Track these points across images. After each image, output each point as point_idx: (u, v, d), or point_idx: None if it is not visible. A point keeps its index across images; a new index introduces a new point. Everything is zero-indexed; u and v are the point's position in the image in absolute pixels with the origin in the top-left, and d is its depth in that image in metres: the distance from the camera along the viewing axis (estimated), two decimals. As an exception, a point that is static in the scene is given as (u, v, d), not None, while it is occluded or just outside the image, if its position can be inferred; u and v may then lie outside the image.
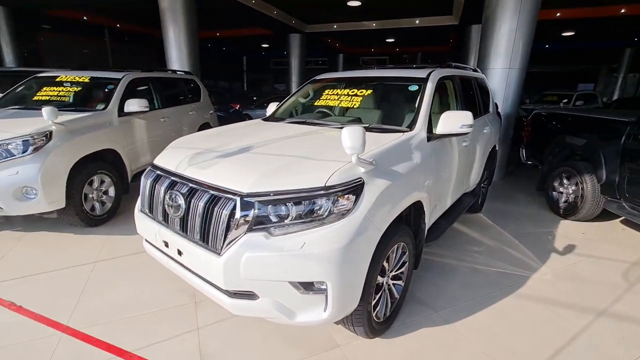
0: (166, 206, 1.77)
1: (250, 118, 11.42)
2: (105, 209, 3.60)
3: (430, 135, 2.28)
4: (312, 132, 2.32)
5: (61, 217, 3.19)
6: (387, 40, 15.23)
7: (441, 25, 11.21)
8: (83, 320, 2.11)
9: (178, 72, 5.95)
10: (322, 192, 1.48)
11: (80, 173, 3.21)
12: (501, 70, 5.17)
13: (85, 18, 11.93)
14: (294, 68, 13.94)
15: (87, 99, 4.04)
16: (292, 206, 1.47)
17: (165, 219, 1.82)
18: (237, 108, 10.46)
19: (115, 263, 2.83)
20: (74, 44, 12.41)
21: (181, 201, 1.68)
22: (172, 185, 1.78)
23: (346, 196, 1.51)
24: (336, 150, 1.66)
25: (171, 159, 1.96)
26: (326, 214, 1.48)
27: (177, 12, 7.38)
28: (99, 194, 3.53)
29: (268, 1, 9.79)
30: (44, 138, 2.93)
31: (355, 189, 1.54)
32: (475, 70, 3.85)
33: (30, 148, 2.83)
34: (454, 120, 2.20)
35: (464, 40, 11.47)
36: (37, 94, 3.98)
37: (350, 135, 1.45)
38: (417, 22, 11.12)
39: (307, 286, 1.48)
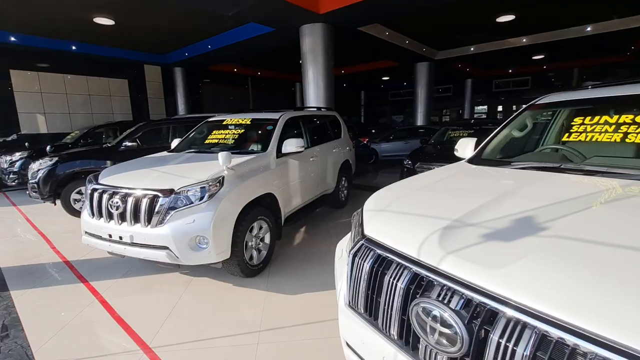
0: (415, 319, 1.03)
1: (376, 152, 10.98)
2: (261, 258, 3.32)
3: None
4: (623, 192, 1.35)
5: (224, 267, 2.98)
6: (533, 57, 12.99)
7: (624, 30, 8.74)
8: None
9: (322, 109, 5.82)
10: None
11: (244, 220, 2.99)
12: None
13: (235, 70, 13.90)
14: (420, 98, 13.08)
15: (247, 141, 4.04)
16: None
17: (407, 341, 1.10)
18: (365, 142, 10.11)
19: (281, 335, 2.36)
20: (223, 92, 14.54)
21: (459, 328, 0.92)
22: (420, 283, 1.09)
23: None
24: None
25: (402, 233, 1.28)
26: None
27: (317, 53, 7.57)
28: (257, 242, 3.28)
29: (401, 32, 9.41)
30: (217, 184, 2.79)
31: None
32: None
33: (206, 195, 2.71)
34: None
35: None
36: (208, 138, 4.18)
37: None
38: (588, 29, 8.94)
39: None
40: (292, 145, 3.71)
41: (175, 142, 4.36)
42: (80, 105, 10.22)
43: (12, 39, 8.26)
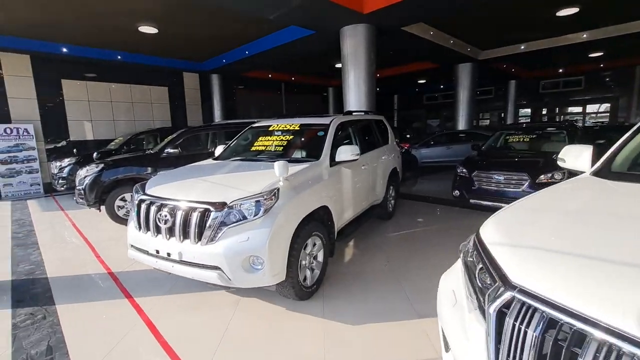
0: None
1: (416, 158, 10.41)
2: (314, 278, 2.98)
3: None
4: None
5: (277, 289, 2.67)
6: (590, 55, 11.88)
7: None
8: None
9: (369, 113, 5.45)
10: None
11: (299, 237, 2.67)
12: None
13: (269, 76, 13.89)
14: (461, 100, 12.34)
15: (296, 148, 3.76)
16: None
17: None
18: (406, 148, 9.60)
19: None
20: (257, 98, 14.55)
21: None
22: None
23: None
24: None
25: (585, 287, 0.88)
26: None
27: (359, 55, 7.24)
28: (310, 260, 2.95)
29: (446, 31, 8.87)
30: (273, 197, 2.50)
31: None
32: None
33: (261, 210, 2.42)
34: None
35: None
36: (254, 145, 3.94)
37: None
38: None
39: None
40: (346, 152, 3.37)
41: (219, 149, 4.16)
42: (124, 113, 10.54)
43: (65, 50, 8.64)
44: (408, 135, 15.96)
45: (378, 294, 2.97)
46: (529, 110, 19.31)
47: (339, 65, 13.08)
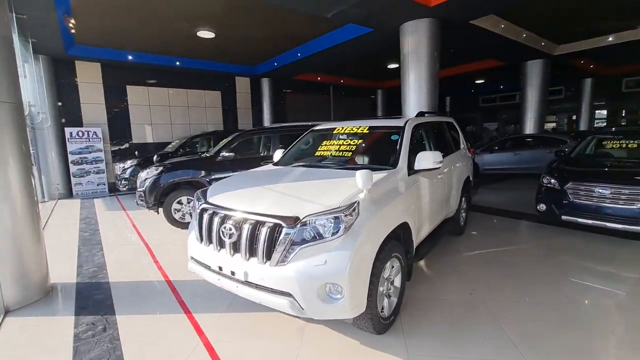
0: None
1: (477, 165, 9.50)
2: (391, 306, 2.54)
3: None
4: None
5: (353, 321, 2.27)
6: (695, 46, 10.05)
7: None
8: None
9: (437, 115, 4.90)
10: None
11: (378, 259, 2.25)
12: None
13: (318, 78, 13.70)
14: (530, 102, 11.11)
15: (367, 153, 3.35)
16: None
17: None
18: (471, 154, 8.75)
19: None
20: (305, 101, 14.40)
21: None
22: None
23: None
24: None
25: None
26: None
27: (421, 53, 6.67)
28: (388, 286, 2.51)
29: (518, 24, 7.96)
30: (353, 212, 2.11)
31: None
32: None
33: (341, 228, 2.04)
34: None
35: None
36: (318, 149, 3.60)
37: None
38: None
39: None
40: (427, 159, 2.90)
41: (277, 154, 3.88)
42: (180, 117, 10.94)
43: (130, 57, 9.14)
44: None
45: (471, 333, 2.45)
46: (606, 112, 17.10)
47: (392, 66, 12.56)
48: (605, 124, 17.98)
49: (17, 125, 3.06)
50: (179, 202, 5.50)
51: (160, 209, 5.48)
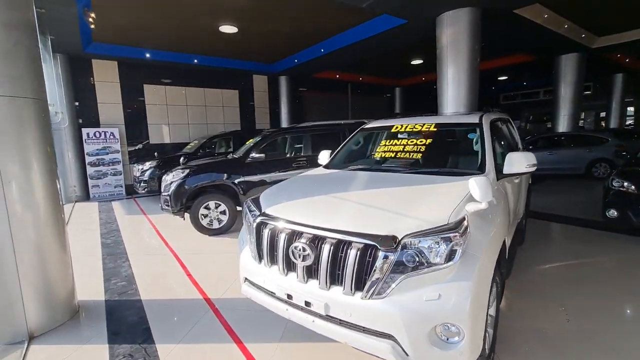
0: None
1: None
2: (489, 342, 2.09)
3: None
4: None
5: (458, 364, 1.83)
6: None
7: None
8: None
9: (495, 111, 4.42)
10: None
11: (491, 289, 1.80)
12: None
13: (337, 76, 13.26)
14: (563, 98, 10.50)
15: (439, 154, 2.90)
16: None
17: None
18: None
19: None
20: (322, 99, 13.97)
21: None
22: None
23: None
24: None
25: None
26: None
27: (460, 45, 6.18)
28: (487, 318, 2.06)
29: (562, 13, 7.42)
30: (464, 231, 1.67)
31: None
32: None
33: (458, 251, 1.60)
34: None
35: None
36: (377, 150, 3.16)
37: None
38: None
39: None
40: (519, 162, 2.45)
41: (324, 156, 3.44)
42: (197, 116, 10.61)
43: (148, 55, 8.83)
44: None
45: (594, 376, 1.99)
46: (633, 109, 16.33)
47: (416, 62, 12.03)
48: (632, 121, 17.22)
49: (42, 124, 2.69)
50: (207, 207, 5.11)
51: (187, 214, 5.12)
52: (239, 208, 5.19)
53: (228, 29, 7.29)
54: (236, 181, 5.19)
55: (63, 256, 2.91)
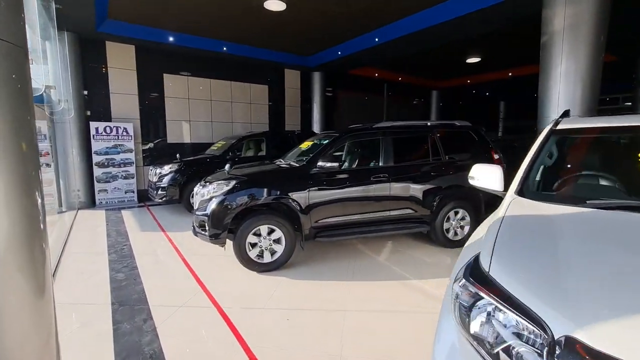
0: None
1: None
2: None
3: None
4: None
5: None
6: None
7: None
8: None
9: None
10: None
11: None
12: None
13: (376, 75, 11.89)
14: (647, 106, 9.04)
15: None
16: None
17: None
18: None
19: None
20: (355, 100, 12.58)
21: None
22: None
23: None
24: None
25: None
26: None
27: (581, 31, 4.78)
28: None
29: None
30: None
31: None
32: None
33: None
34: None
35: None
36: (585, 168, 1.73)
37: None
38: None
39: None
40: None
41: (492, 175, 2.01)
42: (222, 113, 9.26)
43: (171, 39, 7.52)
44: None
45: None
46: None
47: (472, 60, 10.55)
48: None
49: (17, 86, 1.27)
50: (256, 234, 3.70)
51: (225, 240, 3.72)
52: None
53: (275, 5, 5.93)
54: (298, 198, 3.78)
55: (42, 335, 1.46)
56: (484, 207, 4.68)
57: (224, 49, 8.29)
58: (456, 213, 4.58)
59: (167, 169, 6.58)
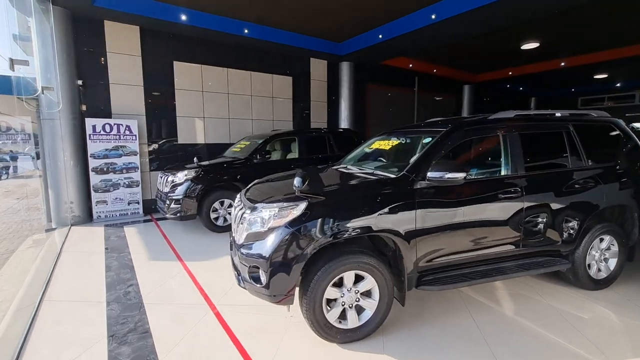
0: None
1: None
2: None
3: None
4: None
5: None
6: None
7: None
8: None
9: None
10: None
11: None
12: None
13: (410, 65, 10.54)
14: None
15: None
16: None
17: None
18: None
19: None
20: (386, 94, 11.22)
21: None
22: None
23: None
24: None
25: None
26: None
27: None
28: None
29: None
30: None
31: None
32: None
33: None
34: None
35: None
36: None
37: None
38: None
39: None
40: None
41: None
42: (240, 108, 7.92)
43: (184, 17, 6.20)
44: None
45: None
46: None
47: (529, 46, 9.03)
48: None
49: None
50: (336, 284, 2.35)
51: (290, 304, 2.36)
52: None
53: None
54: (398, 227, 2.42)
55: None
56: (639, 231, 3.33)
57: (246, 31, 6.95)
58: (601, 240, 3.23)
59: (181, 176, 5.22)
